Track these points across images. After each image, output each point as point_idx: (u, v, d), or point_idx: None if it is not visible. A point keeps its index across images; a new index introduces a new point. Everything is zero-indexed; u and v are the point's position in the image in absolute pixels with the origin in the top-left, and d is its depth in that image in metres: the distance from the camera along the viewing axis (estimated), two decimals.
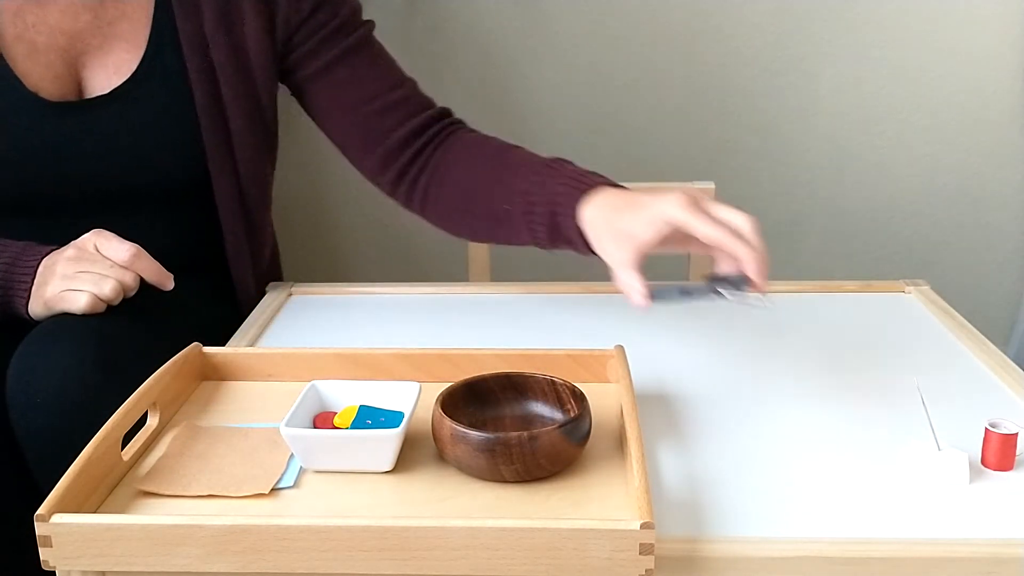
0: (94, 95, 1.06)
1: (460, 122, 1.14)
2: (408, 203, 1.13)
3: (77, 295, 0.92)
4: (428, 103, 1.14)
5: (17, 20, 1.04)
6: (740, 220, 0.81)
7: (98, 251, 0.96)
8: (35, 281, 0.95)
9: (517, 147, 1.07)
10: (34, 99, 1.03)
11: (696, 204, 0.81)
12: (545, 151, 1.07)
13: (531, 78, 1.78)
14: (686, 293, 0.79)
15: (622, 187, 0.93)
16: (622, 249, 0.83)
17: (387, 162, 1.11)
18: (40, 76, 1.04)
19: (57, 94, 1.05)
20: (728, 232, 0.79)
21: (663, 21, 1.75)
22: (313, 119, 1.16)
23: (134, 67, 1.06)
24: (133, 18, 1.07)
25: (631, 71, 1.78)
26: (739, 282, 0.80)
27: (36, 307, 0.95)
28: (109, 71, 1.06)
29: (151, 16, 1.07)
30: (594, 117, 1.79)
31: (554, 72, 1.78)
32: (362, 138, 1.12)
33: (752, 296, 0.79)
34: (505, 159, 1.05)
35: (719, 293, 0.77)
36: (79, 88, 1.06)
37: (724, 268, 0.82)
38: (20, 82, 1.03)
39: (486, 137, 1.11)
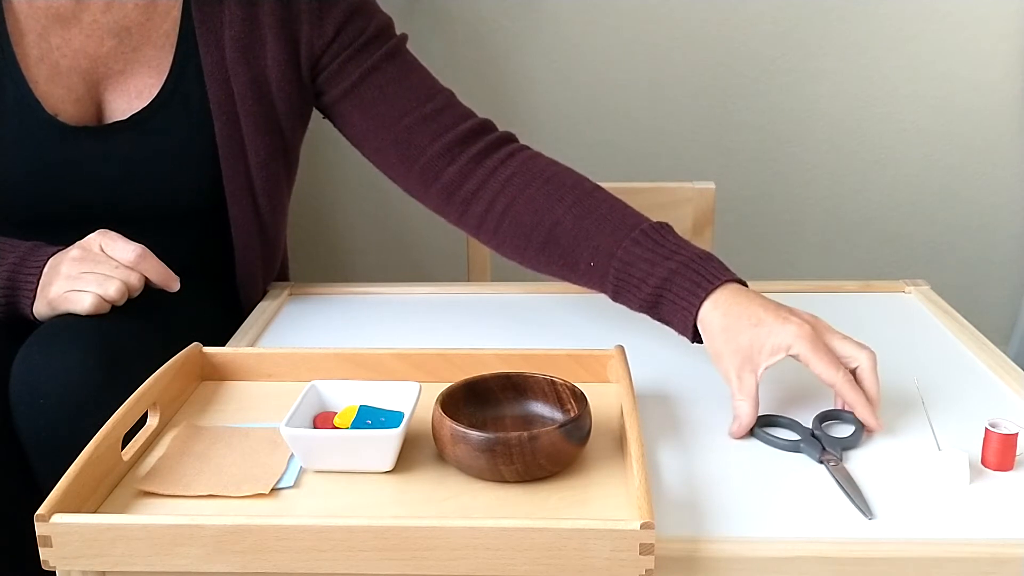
0: (113, 119, 1.06)
1: (512, 137, 1.08)
2: (461, 223, 1.06)
3: (81, 296, 0.92)
4: (465, 114, 1.07)
5: (41, 42, 1.03)
6: (860, 358, 0.82)
7: (103, 251, 0.95)
8: (40, 281, 0.95)
9: (597, 186, 1.01)
10: (52, 122, 1.03)
11: (818, 339, 0.82)
12: (545, 151, 1.07)
13: (531, 78, 1.78)
14: (793, 449, 0.79)
15: (736, 278, 0.90)
16: (745, 371, 0.83)
17: (427, 179, 1.06)
18: (60, 99, 1.04)
19: (76, 117, 1.04)
20: (845, 377, 0.81)
21: (663, 21, 1.75)
22: (352, 144, 1.11)
23: (155, 93, 1.05)
24: (157, 44, 1.06)
25: (631, 71, 1.78)
26: (852, 420, 0.82)
27: (41, 307, 0.95)
28: (130, 96, 1.06)
29: (175, 44, 1.06)
30: (594, 117, 1.80)
31: (554, 72, 1.78)
32: (398, 156, 1.07)
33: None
34: (589, 204, 0.99)
35: (824, 461, 0.77)
36: (99, 111, 1.06)
37: (839, 403, 0.85)
38: (40, 105, 1.02)
39: (554, 163, 1.04)
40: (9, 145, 1.03)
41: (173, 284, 0.98)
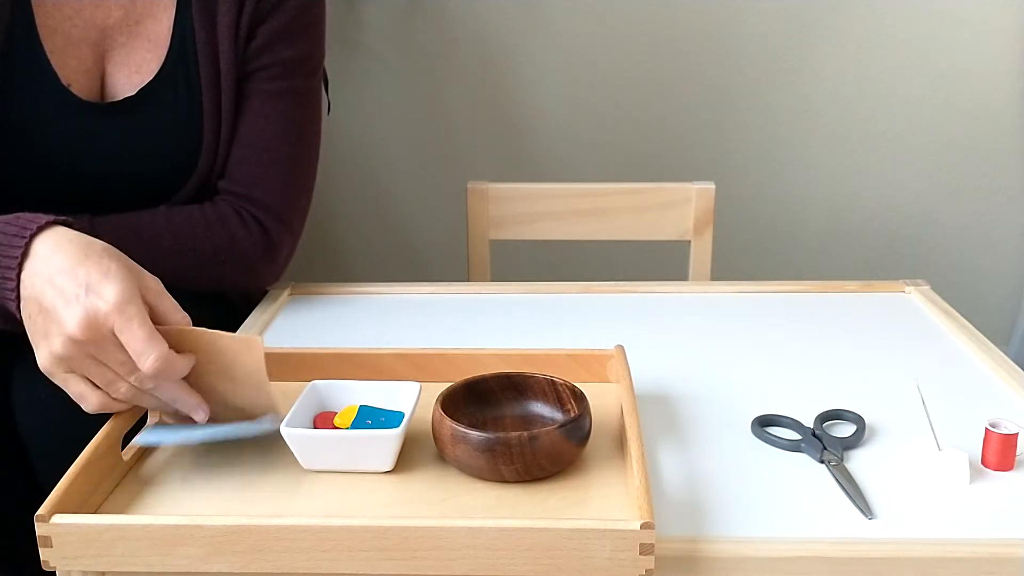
0: (114, 92, 1.06)
1: (222, 198, 1.09)
2: None
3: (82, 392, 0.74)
4: (254, 181, 1.09)
5: (55, 12, 1.04)
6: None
7: (113, 334, 0.71)
8: (21, 294, 0.77)
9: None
10: (68, 95, 1.03)
11: None
12: (545, 151, 1.07)
13: (531, 78, 1.78)
14: (794, 449, 0.79)
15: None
16: None
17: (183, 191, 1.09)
18: (72, 70, 1.04)
19: (85, 90, 1.05)
20: None
21: (663, 21, 1.75)
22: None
23: (154, 68, 1.06)
24: (157, 18, 1.06)
25: (631, 71, 1.78)
26: (854, 420, 0.81)
27: (30, 308, 0.76)
28: (131, 70, 1.06)
29: (172, 17, 1.06)
30: (594, 117, 1.80)
31: (554, 72, 1.78)
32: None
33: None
34: None
35: (825, 461, 0.76)
36: (102, 85, 1.07)
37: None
38: (57, 77, 1.03)
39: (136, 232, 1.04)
40: (27, 115, 1.03)
41: (198, 414, 0.75)
